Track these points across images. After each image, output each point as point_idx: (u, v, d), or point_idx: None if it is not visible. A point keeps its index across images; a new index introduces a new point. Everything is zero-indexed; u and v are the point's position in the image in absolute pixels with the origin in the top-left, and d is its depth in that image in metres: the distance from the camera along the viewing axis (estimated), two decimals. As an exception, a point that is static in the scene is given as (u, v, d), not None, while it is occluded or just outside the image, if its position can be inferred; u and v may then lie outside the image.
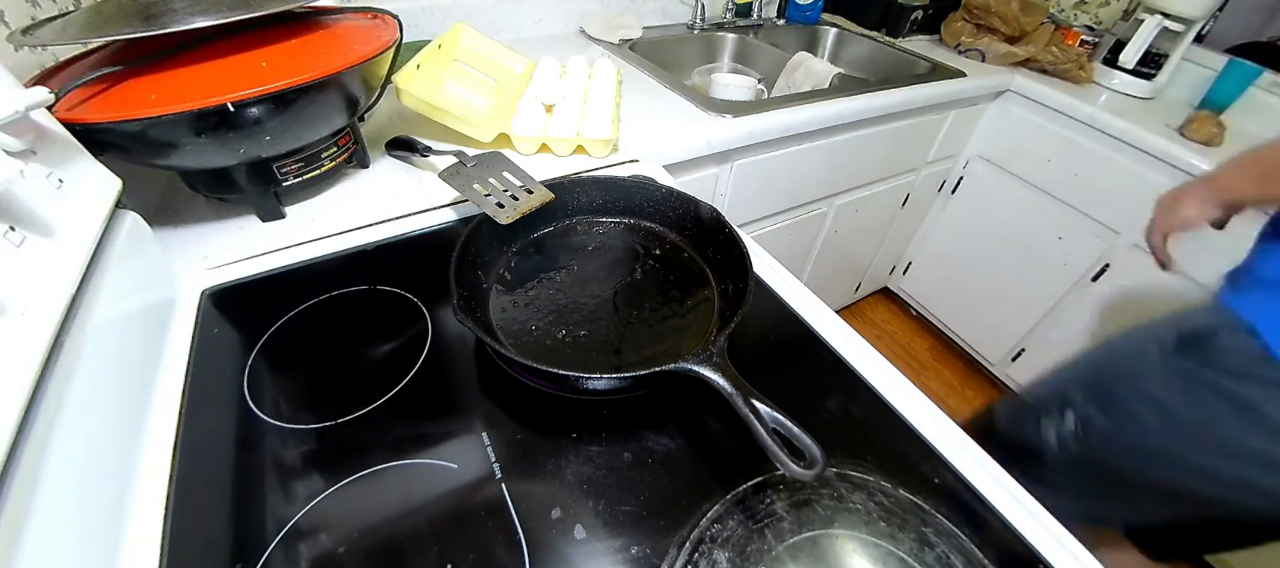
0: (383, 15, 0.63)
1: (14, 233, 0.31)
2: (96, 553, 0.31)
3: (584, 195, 0.58)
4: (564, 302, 0.50)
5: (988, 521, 0.36)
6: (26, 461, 0.27)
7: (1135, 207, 1.13)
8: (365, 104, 0.61)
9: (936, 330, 1.68)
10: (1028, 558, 0.35)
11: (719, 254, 0.53)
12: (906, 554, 0.33)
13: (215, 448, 0.38)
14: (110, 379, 0.36)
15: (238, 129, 0.48)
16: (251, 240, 0.55)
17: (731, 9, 1.33)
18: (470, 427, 0.40)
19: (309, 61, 0.50)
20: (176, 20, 0.43)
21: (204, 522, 0.34)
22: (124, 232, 0.43)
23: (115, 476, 0.34)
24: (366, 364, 0.45)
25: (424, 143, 0.68)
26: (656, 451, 0.39)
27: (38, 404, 0.29)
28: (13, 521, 0.25)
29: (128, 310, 0.41)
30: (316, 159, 0.58)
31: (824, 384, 0.46)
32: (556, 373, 0.38)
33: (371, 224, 0.59)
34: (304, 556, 0.33)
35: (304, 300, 0.49)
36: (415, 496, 0.36)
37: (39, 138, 0.36)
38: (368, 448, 0.38)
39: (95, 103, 0.45)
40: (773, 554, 0.33)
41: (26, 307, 0.29)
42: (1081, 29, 1.30)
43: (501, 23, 1.10)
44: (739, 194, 0.97)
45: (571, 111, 0.73)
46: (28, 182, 0.33)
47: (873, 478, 0.37)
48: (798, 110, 0.91)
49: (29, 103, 0.33)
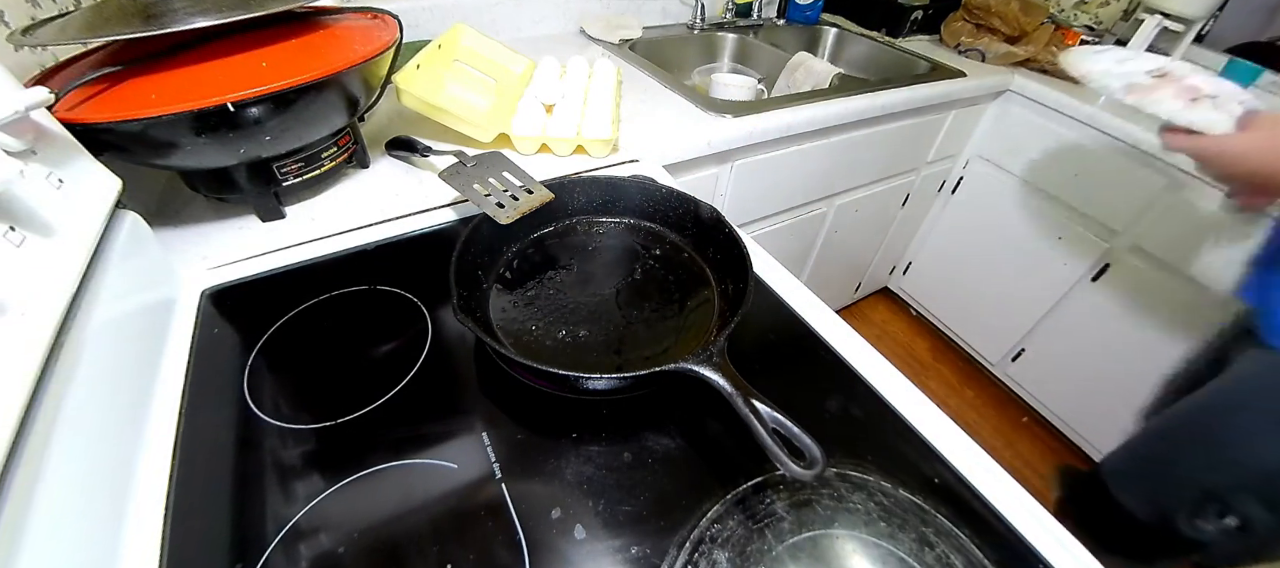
0: (383, 15, 0.63)
1: (14, 233, 0.31)
2: (96, 553, 0.31)
3: (584, 195, 0.58)
4: (564, 302, 0.50)
5: (988, 521, 0.36)
6: (27, 461, 0.27)
7: (1135, 207, 1.13)
8: (365, 104, 0.61)
9: (936, 331, 1.68)
10: (1028, 558, 0.35)
11: (719, 254, 0.53)
12: (906, 554, 0.33)
13: (215, 448, 0.38)
14: (110, 379, 0.36)
15: (238, 129, 0.48)
16: (251, 240, 0.55)
17: (731, 9, 1.33)
18: (470, 427, 0.40)
19: (309, 61, 0.50)
20: (176, 20, 0.43)
21: (204, 522, 0.34)
22: (124, 232, 0.43)
23: (115, 475, 0.34)
24: (366, 364, 0.44)
25: (424, 143, 0.68)
26: (656, 451, 0.39)
27: (38, 404, 0.29)
28: (13, 521, 0.25)
29: (128, 310, 0.41)
30: (316, 159, 0.58)
31: (824, 384, 0.46)
32: (557, 373, 0.38)
33: (371, 224, 0.59)
34: (304, 556, 0.33)
35: (304, 300, 0.49)
36: (415, 496, 0.36)
37: (39, 138, 0.36)
38: (368, 448, 0.38)
39: (95, 103, 0.45)
40: (773, 554, 0.33)
41: (26, 307, 0.29)
42: (1081, 29, 1.30)
43: (501, 23, 1.10)
44: (739, 194, 0.97)
45: (571, 111, 0.73)
46: (28, 182, 0.33)
47: (873, 478, 0.37)
48: (798, 110, 0.91)
49: (29, 103, 0.33)
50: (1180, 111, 0.61)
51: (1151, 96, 0.63)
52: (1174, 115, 0.62)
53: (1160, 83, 0.64)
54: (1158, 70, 0.66)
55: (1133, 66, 0.67)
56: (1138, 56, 0.69)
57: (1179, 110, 0.61)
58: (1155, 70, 0.66)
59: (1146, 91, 0.64)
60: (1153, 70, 0.66)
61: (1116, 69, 0.68)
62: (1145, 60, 0.68)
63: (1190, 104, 0.61)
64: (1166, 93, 0.63)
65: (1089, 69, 0.70)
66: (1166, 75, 0.64)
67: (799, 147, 0.99)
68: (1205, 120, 0.60)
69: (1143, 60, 0.68)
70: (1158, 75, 0.65)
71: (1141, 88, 0.65)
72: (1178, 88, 0.63)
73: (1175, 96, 0.62)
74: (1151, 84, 0.64)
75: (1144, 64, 0.67)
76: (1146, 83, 0.65)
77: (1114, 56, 0.70)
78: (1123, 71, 0.67)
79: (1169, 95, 0.62)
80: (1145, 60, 0.68)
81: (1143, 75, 0.65)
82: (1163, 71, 0.65)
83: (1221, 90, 0.62)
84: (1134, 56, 0.70)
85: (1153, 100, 0.63)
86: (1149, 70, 0.66)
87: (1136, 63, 0.68)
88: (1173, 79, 0.64)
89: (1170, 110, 0.62)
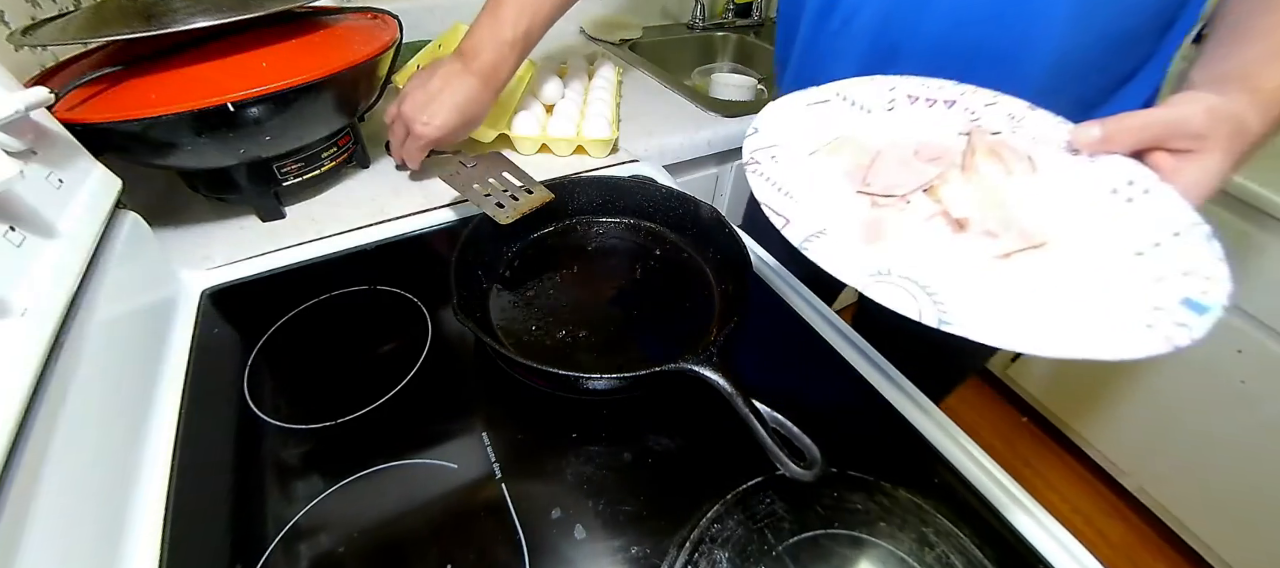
0: (383, 15, 0.63)
1: (14, 233, 0.31)
2: (96, 553, 0.31)
3: (584, 195, 0.58)
4: (564, 302, 0.50)
5: (988, 521, 0.36)
6: (27, 461, 0.27)
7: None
8: (365, 104, 0.61)
9: (936, 330, 1.68)
10: (1028, 558, 0.35)
11: (719, 254, 0.53)
12: (906, 554, 0.33)
13: (215, 448, 0.38)
14: (110, 379, 0.36)
15: (238, 129, 0.48)
16: (251, 240, 0.55)
17: (731, 9, 1.33)
18: (470, 427, 0.40)
19: (309, 62, 0.50)
20: (176, 20, 0.43)
21: (204, 522, 0.34)
22: (124, 232, 0.43)
23: (115, 475, 0.34)
24: (366, 364, 0.44)
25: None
26: (656, 450, 0.39)
27: (38, 404, 0.29)
28: (13, 521, 0.25)
29: (128, 310, 0.41)
30: (316, 159, 0.58)
31: (824, 384, 0.46)
32: (557, 373, 0.38)
33: (371, 224, 0.58)
34: (304, 556, 0.33)
35: (304, 300, 0.49)
36: (415, 496, 0.36)
37: (39, 138, 0.36)
38: (368, 448, 0.38)
39: (95, 103, 0.45)
40: (773, 554, 0.33)
41: (26, 307, 0.29)
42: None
43: (501, 23, 1.10)
44: (739, 194, 0.97)
45: (571, 111, 0.74)
46: (28, 182, 0.33)
47: (873, 478, 0.37)
48: (798, 110, 0.91)
49: (29, 103, 0.33)
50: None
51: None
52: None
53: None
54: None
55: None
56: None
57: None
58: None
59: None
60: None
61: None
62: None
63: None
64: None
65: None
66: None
67: (799, 146, 0.99)
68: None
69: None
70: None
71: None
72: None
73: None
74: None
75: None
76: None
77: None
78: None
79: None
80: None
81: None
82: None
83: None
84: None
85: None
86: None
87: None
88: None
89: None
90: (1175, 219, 0.32)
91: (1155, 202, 0.34)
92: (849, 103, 0.43)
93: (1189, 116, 0.34)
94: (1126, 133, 0.36)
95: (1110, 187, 0.35)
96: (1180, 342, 0.26)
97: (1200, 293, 0.28)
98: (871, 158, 0.38)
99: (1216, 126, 0.33)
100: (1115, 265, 0.31)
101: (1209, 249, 0.30)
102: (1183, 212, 0.32)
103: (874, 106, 0.43)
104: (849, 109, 0.42)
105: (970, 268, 0.32)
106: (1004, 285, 0.31)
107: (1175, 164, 0.34)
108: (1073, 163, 0.37)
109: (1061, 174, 0.37)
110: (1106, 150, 0.37)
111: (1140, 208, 0.34)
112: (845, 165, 0.38)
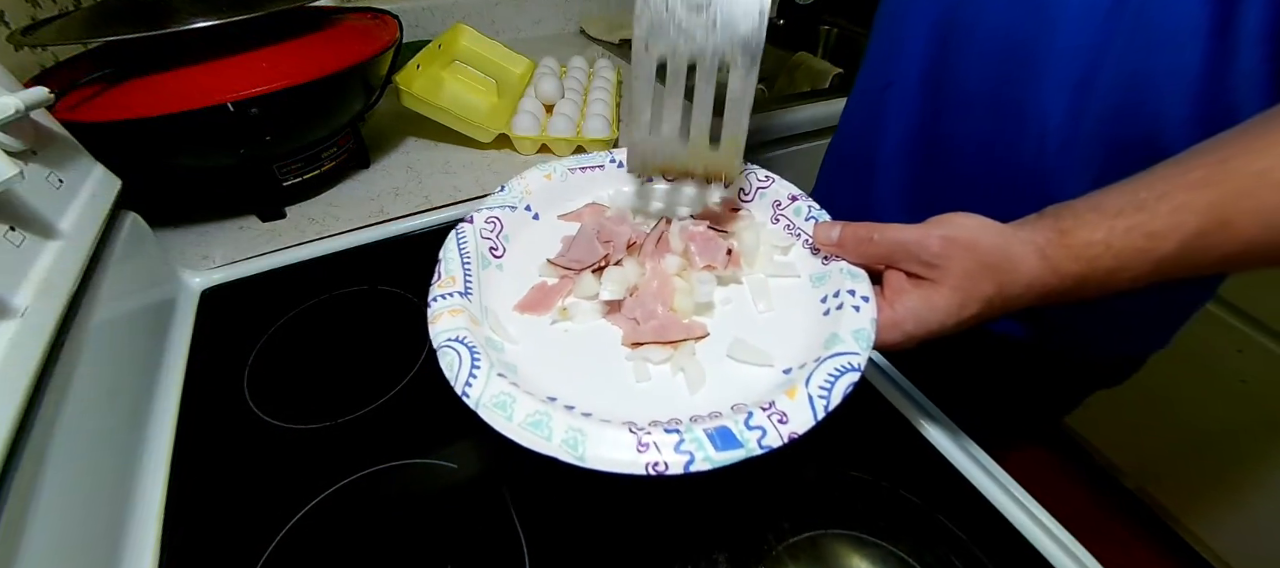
0: (383, 15, 0.64)
1: (14, 233, 0.31)
2: (96, 553, 0.31)
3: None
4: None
5: (988, 521, 0.36)
6: (26, 461, 0.27)
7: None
8: (365, 104, 0.61)
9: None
10: (1028, 558, 0.35)
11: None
12: (906, 554, 0.33)
13: (215, 448, 0.38)
14: (110, 379, 0.36)
15: (238, 129, 0.48)
16: (251, 240, 0.55)
17: (731, 9, 1.33)
18: (470, 427, 0.40)
19: (309, 62, 0.50)
20: (176, 20, 0.43)
21: (204, 522, 0.34)
22: (124, 232, 0.43)
23: (115, 475, 0.34)
24: (366, 364, 0.44)
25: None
26: (656, 450, 0.39)
27: (38, 405, 0.29)
28: (12, 521, 0.25)
29: (128, 310, 0.41)
30: (316, 159, 0.58)
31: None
32: (556, 373, 0.38)
33: (371, 224, 0.59)
34: (304, 556, 0.33)
35: (304, 300, 0.49)
36: (415, 496, 0.36)
37: (39, 138, 0.36)
38: (368, 448, 0.38)
39: (95, 103, 0.45)
40: (772, 554, 0.33)
41: (26, 307, 0.29)
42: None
43: (501, 23, 1.10)
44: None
45: (571, 111, 0.74)
46: (28, 182, 0.33)
47: (872, 478, 0.37)
48: (798, 110, 0.91)
49: (29, 103, 0.33)
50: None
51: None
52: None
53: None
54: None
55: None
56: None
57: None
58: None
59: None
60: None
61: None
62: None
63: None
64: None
65: None
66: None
67: (799, 147, 0.99)
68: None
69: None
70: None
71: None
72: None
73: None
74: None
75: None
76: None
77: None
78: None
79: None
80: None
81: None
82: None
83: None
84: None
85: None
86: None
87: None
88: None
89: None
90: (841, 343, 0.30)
91: (847, 319, 0.31)
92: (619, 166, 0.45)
93: (925, 240, 0.30)
94: (858, 243, 0.34)
95: (834, 290, 0.34)
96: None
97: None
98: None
99: (950, 260, 0.30)
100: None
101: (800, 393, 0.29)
102: (854, 340, 0.30)
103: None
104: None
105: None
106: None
107: (900, 287, 0.32)
108: (807, 263, 0.38)
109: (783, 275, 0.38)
110: (840, 256, 0.35)
111: (831, 319, 0.32)
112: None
